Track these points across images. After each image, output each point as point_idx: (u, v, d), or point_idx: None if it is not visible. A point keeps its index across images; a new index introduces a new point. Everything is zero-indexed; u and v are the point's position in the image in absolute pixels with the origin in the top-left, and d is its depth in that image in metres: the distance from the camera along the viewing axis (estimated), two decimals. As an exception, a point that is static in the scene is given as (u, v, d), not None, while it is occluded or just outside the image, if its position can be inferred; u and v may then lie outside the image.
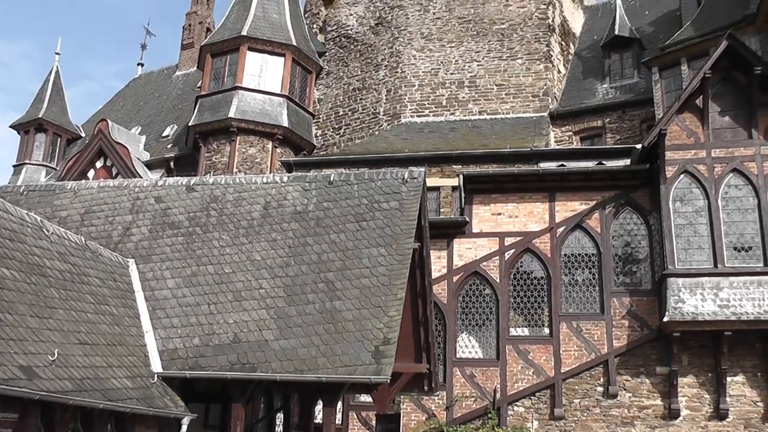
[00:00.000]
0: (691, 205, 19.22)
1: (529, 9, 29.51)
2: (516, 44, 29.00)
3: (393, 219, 12.80)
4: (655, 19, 30.04)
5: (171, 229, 13.46)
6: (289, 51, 29.03)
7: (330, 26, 32.43)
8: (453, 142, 25.47)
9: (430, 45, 29.87)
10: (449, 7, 30.42)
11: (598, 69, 28.79)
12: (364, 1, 31.97)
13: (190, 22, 38.88)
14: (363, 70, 30.51)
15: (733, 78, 19.82)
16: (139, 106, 37.09)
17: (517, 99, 28.07)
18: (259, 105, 28.02)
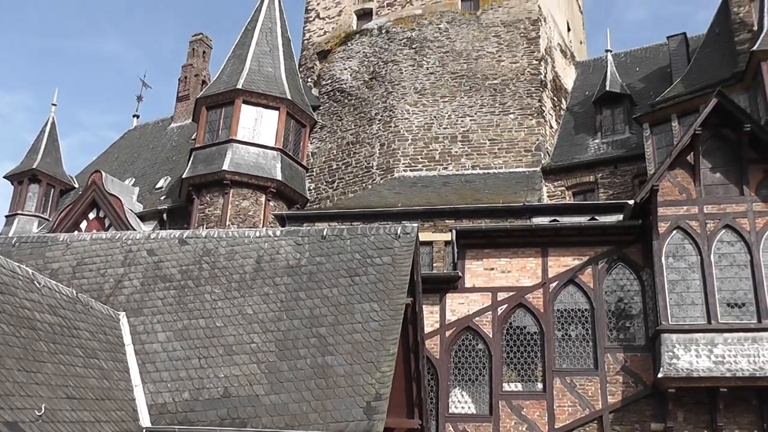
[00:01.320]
0: (683, 261, 19.24)
1: (522, 65, 29.86)
2: (508, 99, 29.28)
3: (386, 274, 12.77)
4: (645, 75, 30.43)
5: (163, 282, 13.39)
6: (284, 104, 29.21)
7: (324, 80, 32.72)
8: (446, 197, 25.54)
9: (424, 100, 30.14)
10: (442, 63, 30.77)
11: (590, 124, 29.04)
12: (359, 56, 32.31)
13: (186, 74, 39.20)
14: (357, 124, 30.72)
15: (723, 135, 19.99)
16: (134, 158, 37.19)
17: (510, 154, 28.24)
18: (253, 158, 28.11)
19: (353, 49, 32.64)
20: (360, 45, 32.61)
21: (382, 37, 32.30)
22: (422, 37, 31.61)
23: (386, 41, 32.09)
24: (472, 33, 31.11)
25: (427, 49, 31.25)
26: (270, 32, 31.06)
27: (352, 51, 32.64)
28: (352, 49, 32.68)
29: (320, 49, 33.79)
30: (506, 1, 31.41)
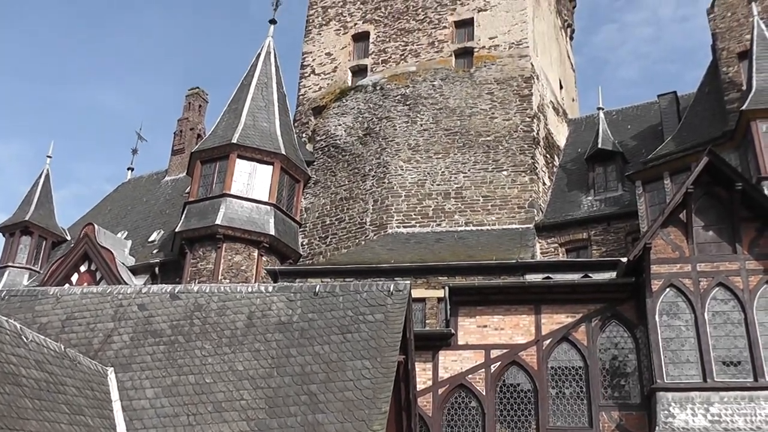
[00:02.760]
0: (678, 319, 19.16)
1: (514, 122, 30.08)
2: (501, 156, 29.42)
3: (378, 331, 12.66)
4: (637, 133, 30.71)
5: (153, 338, 13.25)
6: (278, 160, 29.32)
7: (319, 136, 32.89)
8: (439, 254, 25.50)
9: (417, 156, 30.28)
10: (436, 119, 30.99)
11: (583, 181, 29.17)
12: (353, 112, 32.54)
13: (181, 128, 39.41)
14: (350, 180, 30.79)
15: (715, 193, 20.06)
16: (127, 211, 37.17)
17: (503, 210, 28.29)
18: (247, 213, 28.10)
19: (348, 105, 32.88)
20: (355, 101, 32.85)
21: (377, 94, 32.58)
22: (416, 94, 31.88)
23: (381, 97, 32.35)
24: (466, 90, 31.40)
25: (421, 106, 31.49)
26: (266, 87, 31.32)
27: (346, 107, 32.87)
28: (347, 105, 32.92)
29: (315, 105, 34.05)
30: (499, 59, 31.77)
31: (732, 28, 26.41)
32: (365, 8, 35.66)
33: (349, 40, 35.15)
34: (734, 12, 26.69)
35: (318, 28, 36.15)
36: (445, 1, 34.16)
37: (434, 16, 33.96)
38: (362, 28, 35.19)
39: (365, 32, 35.00)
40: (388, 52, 33.98)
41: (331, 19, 36.07)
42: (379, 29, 34.71)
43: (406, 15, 34.55)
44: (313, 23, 36.43)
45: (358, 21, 35.46)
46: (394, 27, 34.49)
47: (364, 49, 34.71)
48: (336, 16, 36.06)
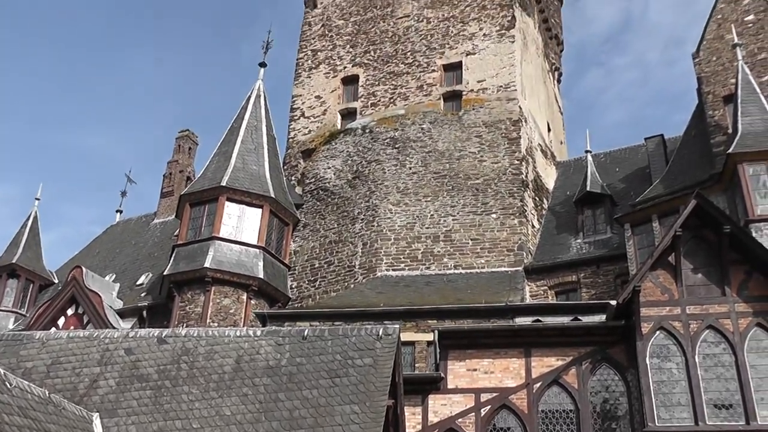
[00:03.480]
0: (668, 362, 19.12)
1: (503, 165, 30.19)
2: (491, 199, 29.48)
3: (367, 376, 12.58)
4: (625, 175, 30.87)
5: (139, 382, 13.13)
6: (267, 203, 29.29)
7: (308, 179, 32.93)
8: (428, 297, 25.43)
9: (406, 199, 30.31)
10: (425, 162, 31.09)
11: (572, 224, 29.23)
12: (343, 155, 32.63)
13: (171, 170, 39.42)
14: (339, 223, 30.78)
15: (703, 236, 20.15)
16: (115, 253, 37.00)
17: (492, 253, 28.26)
18: (236, 256, 28.01)
19: (337, 148, 32.99)
20: (344, 144, 32.97)
21: (366, 137, 32.71)
22: (405, 137, 32.02)
23: (370, 140, 32.48)
24: (455, 133, 31.55)
25: (410, 149, 31.61)
26: (255, 130, 31.40)
27: (336, 150, 32.97)
28: (336, 148, 33.03)
29: (305, 148, 34.13)
30: (487, 102, 31.98)
31: (717, 73, 26.72)
32: (354, 52, 35.95)
33: (338, 83, 35.36)
34: (719, 57, 27.00)
35: (308, 71, 36.39)
36: (433, 45, 34.49)
37: (423, 60, 34.24)
38: (352, 71, 35.43)
39: (354, 75, 35.23)
40: (377, 95, 34.19)
41: (321, 63, 36.33)
42: (369, 72, 34.96)
43: (395, 59, 34.84)
44: (302, 66, 36.68)
45: (348, 64, 35.72)
46: (384, 70, 34.74)
47: (354, 92, 34.91)
48: (326, 59, 36.33)
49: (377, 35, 35.97)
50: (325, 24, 37.51)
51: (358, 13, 37.16)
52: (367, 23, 36.59)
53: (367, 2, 37.28)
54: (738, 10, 27.58)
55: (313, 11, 38.25)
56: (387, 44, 35.46)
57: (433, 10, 35.55)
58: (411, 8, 36.08)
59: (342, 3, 37.87)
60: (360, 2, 37.46)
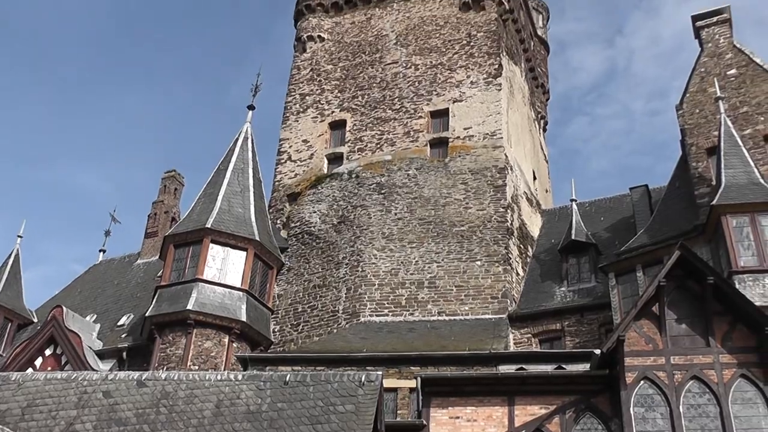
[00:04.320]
0: (652, 412, 19.03)
1: (488, 212, 30.24)
2: (475, 246, 29.47)
3: (348, 422, 12.43)
4: (610, 224, 31.03)
5: (117, 426, 12.93)
6: (252, 246, 29.19)
7: (293, 222, 32.88)
8: (412, 343, 25.28)
9: (391, 245, 30.27)
10: (411, 209, 31.12)
11: (556, 272, 29.25)
12: (328, 200, 32.64)
13: (155, 210, 39.30)
14: (324, 268, 30.67)
15: (687, 286, 20.18)
16: (97, 293, 36.68)
17: (477, 300, 28.19)
18: (219, 298, 27.81)
19: (323, 193, 33.00)
20: (330, 189, 32.99)
21: (352, 182, 32.75)
22: (391, 183, 32.08)
23: (356, 186, 32.52)
24: (440, 180, 31.63)
25: (396, 195, 31.65)
26: (242, 173, 31.39)
27: (321, 194, 32.98)
28: (322, 192, 33.04)
29: (291, 191, 34.11)
30: (474, 150, 32.13)
31: (700, 125, 26.98)
32: (342, 96, 36.16)
33: (326, 127, 35.49)
34: (702, 109, 27.28)
35: (296, 115, 36.52)
36: (421, 92, 34.72)
37: (410, 106, 34.44)
38: (339, 116, 35.60)
39: (342, 120, 35.39)
40: (364, 140, 34.32)
41: (309, 107, 36.49)
42: (356, 118, 35.12)
43: (382, 104, 35.04)
44: (290, 110, 36.82)
45: (335, 109, 35.90)
46: (371, 116, 34.92)
47: (341, 137, 35.02)
48: (314, 103, 36.51)
49: (365, 81, 36.22)
50: (314, 68, 37.77)
51: (347, 59, 37.46)
52: (356, 68, 36.88)
53: (355, 48, 37.62)
54: (721, 64, 27.97)
55: (302, 55, 38.52)
56: (375, 90, 35.69)
57: (421, 57, 35.88)
58: (399, 55, 36.42)
59: (331, 48, 38.18)
60: (349, 48, 37.80)
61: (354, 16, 38.95)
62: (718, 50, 28.33)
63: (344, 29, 38.68)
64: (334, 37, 38.61)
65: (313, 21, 39.04)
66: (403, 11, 37.88)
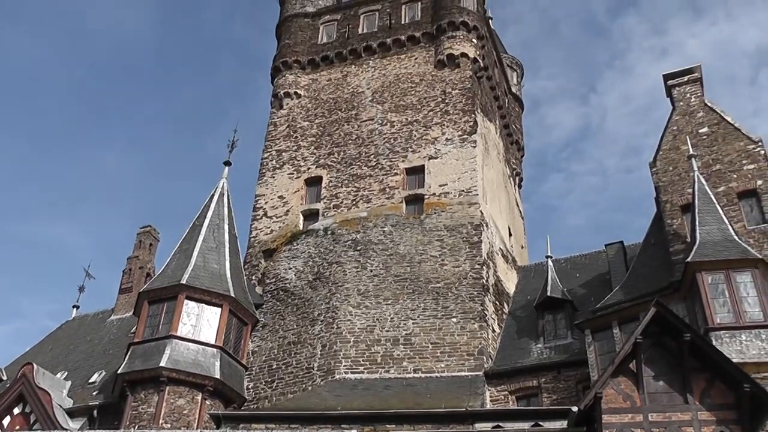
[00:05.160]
0: (630, 470, 18.93)
1: (464, 269, 30.24)
2: (451, 303, 29.41)
3: (327, 480, 12.25)
4: (585, 281, 31.18)
5: (88, 485, 12.63)
6: (227, 302, 29.01)
7: (269, 279, 32.70)
8: (387, 401, 25.03)
9: (367, 302, 30.15)
10: (386, 265, 31.07)
11: (532, 329, 29.24)
12: (304, 256, 32.55)
13: (130, 266, 39.04)
14: (299, 324, 30.45)
15: (664, 343, 20.29)
16: (69, 350, 36.12)
17: (453, 357, 28.05)
18: (192, 355, 27.49)
19: (299, 249, 32.91)
20: (305, 245, 32.92)
21: (328, 238, 32.72)
22: (367, 240, 32.07)
23: (331, 242, 32.49)
24: (416, 237, 31.65)
25: (372, 252, 31.62)
26: (218, 229, 31.33)
27: (297, 251, 32.89)
28: (298, 248, 32.96)
29: (266, 248, 34.00)
30: (449, 206, 32.25)
31: (674, 182, 27.31)
32: (318, 153, 36.31)
33: (302, 184, 35.58)
34: (675, 166, 27.64)
35: (272, 171, 36.60)
36: (396, 149, 34.94)
37: (386, 163, 34.63)
38: (315, 172, 35.72)
39: (318, 177, 35.50)
40: (339, 197, 34.40)
41: (285, 163, 36.60)
42: (332, 174, 35.25)
43: (358, 161, 35.22)
44: (267, 166, 36.91)
45: (311, 166, 36.02)
46: (347, 173, 35.06)
47: (317, 194, 35.10)
48: (290, 160, 36.63)
49: (341, 137, 36.47)
50: (290, 125, 37.99)
51: (323, 115, 37.75)
52: (332, 125, 37.14)
53: (332, 105, 37.94)
54: (692, 123, 28.43)
55: (279, 112, 38.79)
56: (351, 146, 35.91)
57: (397, 114, 36.21)
58: (375, 112, 36.75)
59: (308, 105, 38.47)
60: (325, 105, 38.10)
61: (330, 73, 39.37)
62: (690, 108, 28.84)
63: (321, 86, 39.04)
64: (310, 93, 38.93)
65: (290, 78, 39.42)
66: (379, 68, 38.33)
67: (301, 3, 42.24)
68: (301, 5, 42.12)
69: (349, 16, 41.10)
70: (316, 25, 41.39)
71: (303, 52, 40.11)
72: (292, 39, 40.72)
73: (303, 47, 40.35)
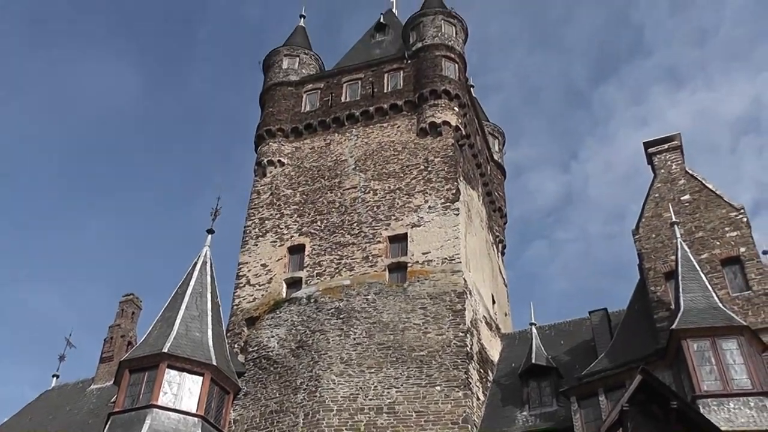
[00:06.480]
0: None
1: (448, 337, 30.17)
2: (435, 371, 29.26)
3: None
4: (570, 348, 31.20)
5: None
6: (209, 371, 28.60)
7: (251, 347, 32.46)
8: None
9: (350, 370, 29.97)
10: (369, 333, 30.96)
11: (517, 396, 29.11)
12: (287, 324, 32.38)
13: (112, 334, 38.75)
14: (281, 393, 30.17)
15: (650, 410, 20.25)
16: (48, 420, 35.52)
17: (437, 426, 27.84)
18: (173, 424, 26.98)
19: (281, 317, 32.75)
20: (288, 313, 32.76)
21: (311, 306, 32.61)
22: (350, 308, 31.99)
23: (314, 310, 32.37)
24: (400, 305, 31.56)
25: (355, 320, 31.52)
26: (200, 297, 31.02)
27: (280, 319, 32.72)
28: (281, 317, 32.79)
29: (249, 316, 33.81)
30: (432, 275, 32.27)
31: (657, 249, 27.53)
32: (301, 221, 36.36)
33: (285, 252, 35.56)
34: (658, 234, 27.90)
35: (255, 239, 36.57)
36: (380, 216, 35.05)
37: (369, 231, 34.72)
38: (298, 240, 35.72)
39: (301, 245, 35.50)
40: (323, 264, 34.37)
41: (268, 231, 36.60)
42: (315, 242, 35.27)
43: (341, 229, 35.30)
44: (250, 234, 36.89)
45: (294, 234, 36.04)
46: (330, 240, 35.09)
47: (300, 262, 35.05)
48: (273, 228, 36.64)
49: (324, 205, 36.57)
50: (273, 193, 38.11)
51: (306, 183, 37.90)
52: (315, 193, 37.27)
53: (315, 173, 38.12)
54: (674, 190, 28.77)
55: (262, 180, 38.94)
56: (334, 215, 36.01)
57: (379, 182, 36.39)
58: (358, 180, 36.95)
59: (291, 173, 38.65)
60: (308, 173, 38.29)
61: (314, 141, 39.64)
62: (671, 176, 29.21)
63: (304, 154, 39.28)
64: (293, 161, 39.15)
65: (273, 146, 39.66)
66: (362, 137, 38.69)
67: (285, 72, 42.73)
68: (284, 74, 42.62)
69: (332, 84, 41.56)
70: (300, 93, 41.82)
71: (286, 120, 40.45)
72: (276, 107, 41.08)
73: (286, 115, 40.71)
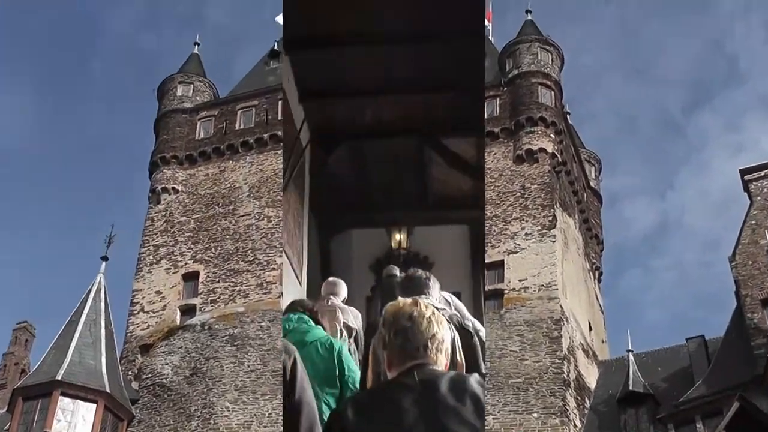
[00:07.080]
0: None
1: (544, 363, 29.94)
2: (532, 398, 29.08)
3: None
4: (667, 375, 30.85)
5: None
6: (102, 398, 28.96)
7: (145, 374, 32.69)
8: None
9: (244, 397, 30.52)
10: (263, 361, 31.45)
11: (614, 423, 29.13)
12: (181, 351, 32.71)
13: (5, 362, 38.29)
14: (175, 420, 30.56)
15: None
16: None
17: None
18: (67, 453, 27.30)
19: (175, 344, 33.04)
20: (182, 340, 33.08)
21: (205, 333, 33.00)
22: (244, 335, 32.46)
23: (208, 337, 32.79)
24: (496, 332, 30.68)
25: (249, 347, 32.02)
26: (94, 324, 31.23)
27: (174, 346, 33.01)
28: (174, 344, 33.07)
29: (143, 343, 33.93)
30: (529, 301, 31.84)
31: (754, 276, 27.34)
32: (196, 248, 36.41)
33: (179, 279, 35.63)
34: (755, 260, 27.59)
35: (149, 266, 36.51)
36: (273, 244, 34.69)
37: (263, 258, 34.91)
38: (192, 267, 35.83)
39: (195, 272, 35.64)
40: (217, 291, 34.64)
41: (163, 258, 36.54)
42: (209, 269, 35.35)
43: (235, 256, 35.43)
44: (144, 261, 36.77)
45: (189, 261, 36.10)
46: (224, 267, 35.24)
47: (194, 289, 35.21)
48: (167, 254, 36.60)
49: (219, 233, 36.61)
50: (168, 220, 37.89)
51: (200, 211, 37.70)
52: (209, 220, 37.17)
53: (209, 200, 37.93)
54: (771, 216, 28.63)
55: (156, 207, 38.49)
56: (228, 242, 36.11)
57: (273, 209, 35.90)
58: (252, 207, 37.02)
59: (185, 200, 38.41)
60: (202, 200, 38.06)
61: (208, 168, 39.07)
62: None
63: (198, 181, 38.84)
64: (188, 189, 38.71)
65: (167, 173, 39.10)
66: (257, 164, 38.35)
67: (179, 99, 41.54)
68: (179, 101, 41.45)
69: (226, 111, 40.79)
70: (194, 120, 40.76)
71: (180, 148, 39.65)
72: (170, 134, 40.25)
73: (180, 142, 39.85)
